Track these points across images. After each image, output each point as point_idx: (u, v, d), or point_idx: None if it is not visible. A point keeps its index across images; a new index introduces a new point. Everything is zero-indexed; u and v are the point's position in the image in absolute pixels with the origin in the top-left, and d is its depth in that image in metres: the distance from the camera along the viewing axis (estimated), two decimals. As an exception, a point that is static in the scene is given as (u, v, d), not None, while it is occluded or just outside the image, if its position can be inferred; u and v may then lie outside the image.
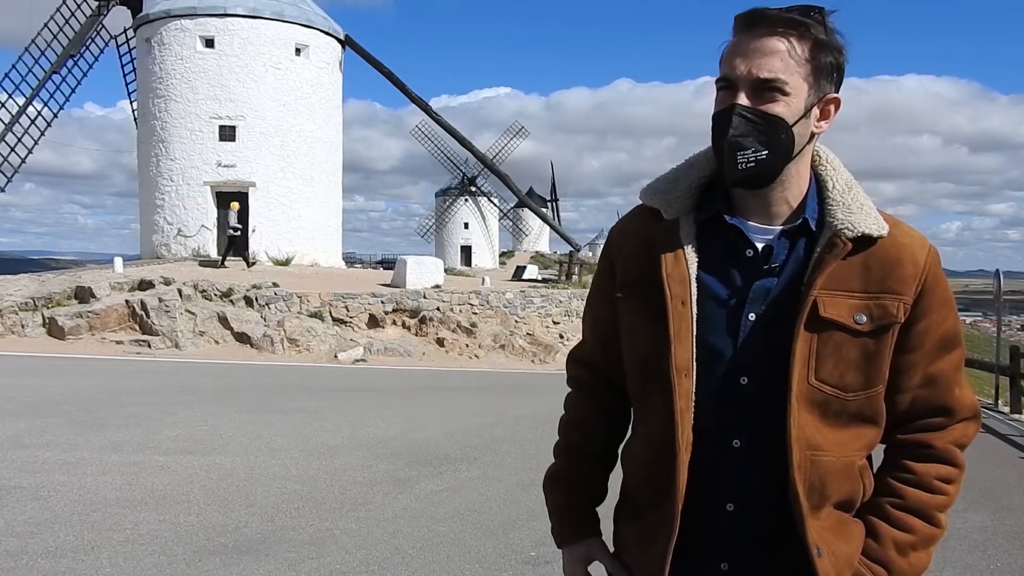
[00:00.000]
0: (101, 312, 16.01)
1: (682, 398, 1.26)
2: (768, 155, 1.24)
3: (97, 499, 5.19)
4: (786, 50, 1.22)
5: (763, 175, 1.26)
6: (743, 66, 1.22)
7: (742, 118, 1.22)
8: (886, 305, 1.25)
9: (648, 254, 1.33)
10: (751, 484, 1.27)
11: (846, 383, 1.25)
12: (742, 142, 1.22)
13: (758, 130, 1.22)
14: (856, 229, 1.25)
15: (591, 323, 1.50)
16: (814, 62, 1.23)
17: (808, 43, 1.23)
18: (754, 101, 1.22)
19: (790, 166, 1.27)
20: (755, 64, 1.21)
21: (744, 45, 1.23)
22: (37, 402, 8.94)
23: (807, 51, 1.23)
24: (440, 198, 57.44)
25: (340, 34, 27.96)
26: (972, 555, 4.70)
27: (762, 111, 1.22)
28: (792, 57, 1.22)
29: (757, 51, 1.22)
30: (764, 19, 1.22)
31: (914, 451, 1.31)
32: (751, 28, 1.23)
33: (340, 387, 11.71)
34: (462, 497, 5.54)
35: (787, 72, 1.22)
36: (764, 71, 1.21)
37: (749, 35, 1.23)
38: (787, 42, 1.22)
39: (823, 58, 1.24)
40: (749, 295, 1.27)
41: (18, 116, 26.02)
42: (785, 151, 1.25)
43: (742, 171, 1.24)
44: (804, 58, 1.23)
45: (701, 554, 1.30)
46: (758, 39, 1.22)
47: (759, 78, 1.21)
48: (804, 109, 1.25)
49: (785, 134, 1.24)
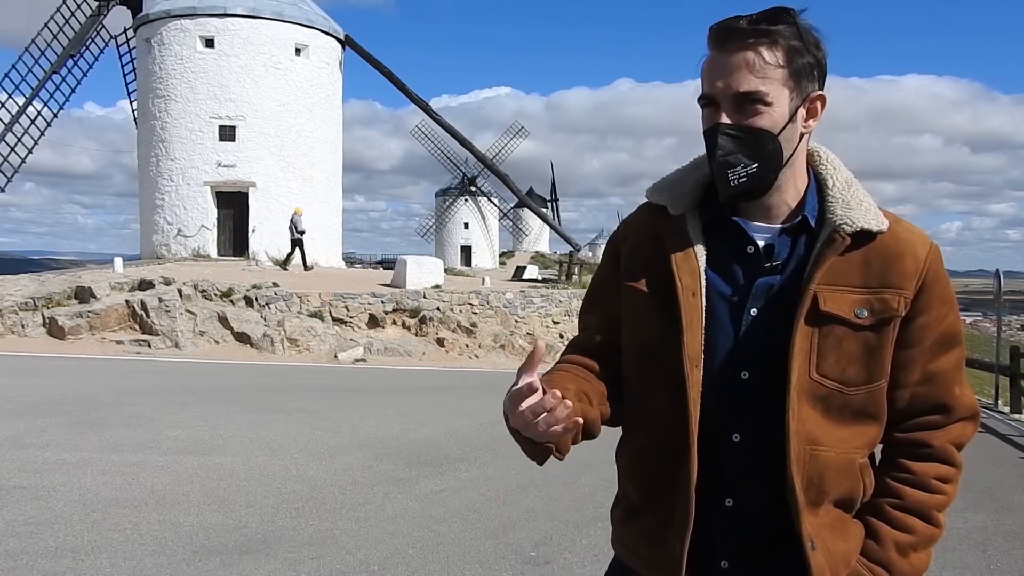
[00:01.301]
0: (101, 312, 16.01)
1: (693, 388, 1.27)
2: (758, 167, 1.25)
3: (97, 499, 5.19)
4: (759, 61, 1.23)
5: (756, 187, 1.28)
6: (720, 83, 1.24)
7: (727, 136, 1.24)
8: (887, 299, 1.26)
9: (656, 246, 1.34)
10: (750, 479, 1.28)
11: (848, 377, 1.26)
12: (730, 160, 1.24)
13: (744, 145, 1.24)
14: (855, 224, 1.26)
15: (592, 311, 1.47)
16: (790, 66, 1.24)
17: (781, 49, 1.23)
18: (737, 116, 1.24)
19: (784, 171, 1.29)
20: (731, 80, 1.23)
21: (718, 62, 1.25)
22: (37, 402, 8.94)
23: (781, 57, 1.24)
24: (440, 198, 57.45)
25: (340, 34, 27.97)
26: (972, 555, 4.70)
27: (746, 126, 1.24)
28: (767, 66, 1.23)
29: (731, 67, 1.23)
30: (734, 33, 1.23)
31: (912, 450, 1.32)
32: (723, 44, 1.25)
33: (340, 387, 11.71)
34: (462, 497, 5.54)
35: (765, 83, 1.23)
36: (741, 86, 1.23)
37: (722, 51, 1.25)
38: (759, 53, 1.23)
39: (799, 60, 1.25)
40: (751, 292, 1.28)
41: (18, 116, 26.04)
42: (775, 161, 1.27)
43: (735, 187, 1.26)
44: (779, 64, 1.23)
45: (700, 550, 1.29)
46: (731, 54, 1.23)
47: (738, 92, 1.23)
48: (789, 114, 1.26)
49: (772, 144, 1.25)
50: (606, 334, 1.42)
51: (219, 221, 25.72)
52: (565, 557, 4.37)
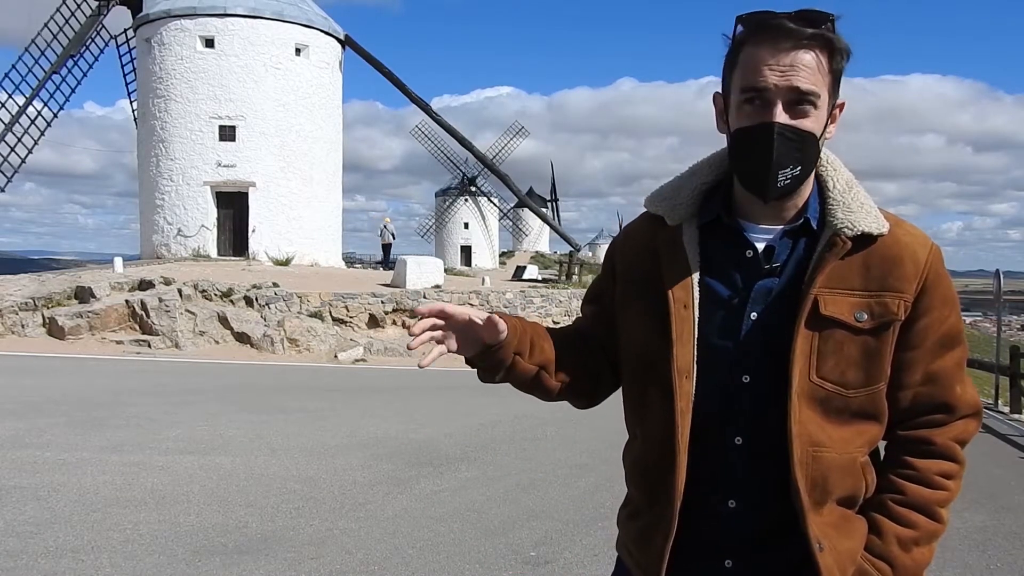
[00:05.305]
0: (101, 312, 16.01)
1: (682, 399, 1.28)
2: (801, 170, 1.26)
3: (97, 499, 5.19)
4: (815, 64, 1.22)
5: (794, 189, 1.28)
6: (778, 79, 1.21)
7: (783, 137, 1.22)
8: (887, 303, 1.26)
9: (651, 258, 1.36)
10: (752, 481, 1.29)
11: (847, 380, 1.27)
12: (783, 161, 1.23)
13: (795, 147, 1.23)
14: (856, 227, 1.26)
15: (589, 304, 1.54)
16: (833, 73, 1.25)
17: (829, 53, 1.23)
18: (788, 116, 1.23)
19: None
20: (790, 78, 1.21)
21: (774, 58, 1.21)
22: (37, 402, 8.94)
23: (828, 62, 1.24)
24: (440, 198, 57.40)
25: (340, 34, 27.96)
26: (972, 555, 4.70)
27: (796, 127, 1.23)
28: (820, 71, 1.23)
29: (790, 66, 1.21)
30: (789, 32, 1.21)
31: (915, 447, 1.32)
32: (776, 39, 1.21)
33: (340, 387, 11.71)
34: (462, 497, 5.54)
35: (818, 86, 1.23)
36: (802, 85, 1.21)
37: (775, 47, 1.21)
38: (815, 55, 1.22)
39: (838, 66, 1.25)
40: (751, 295, 1.29)
41: (18, 116, 26.01)
42: (812, 165, 1.29)
43: (780, 188, 1.26)
44: (827, 70, 1.24)
45: (704, 552, 1.31)
46: (788, 52, 1.21)
47: (797, 91, 1.22)
48: (826, 119, 1.27)
49: (815, 148, 1.26)
50: (596, 327, 1.48)
51: (219, 221, 25.69)
52: (565, 557, 4.37)
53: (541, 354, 1.41)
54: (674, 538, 1.30)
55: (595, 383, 1.48)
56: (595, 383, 1.48)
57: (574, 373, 1.45)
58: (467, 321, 1.32)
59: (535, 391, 1.45)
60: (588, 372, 1.47)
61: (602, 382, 1.49)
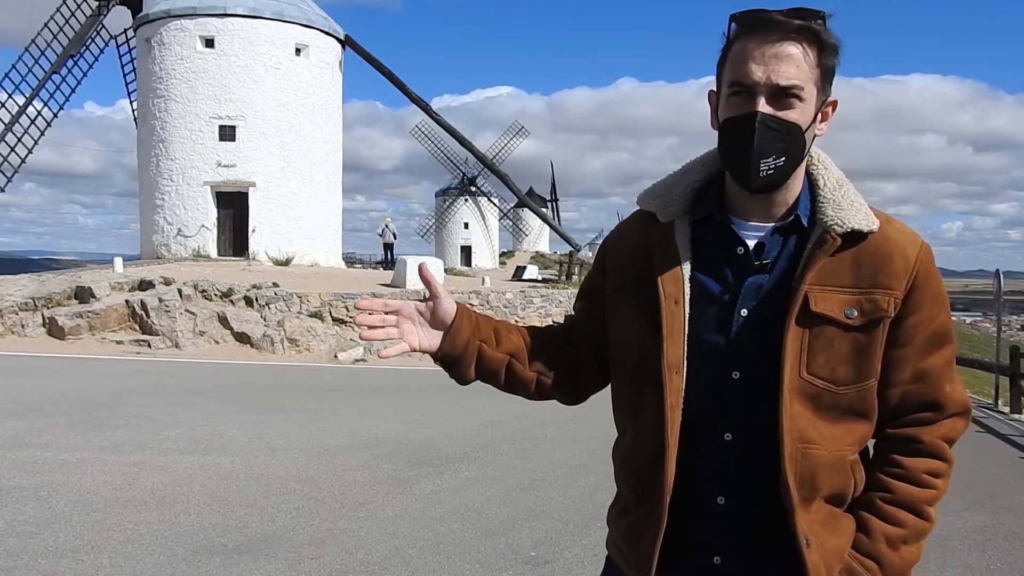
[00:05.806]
0: (101, 312, 16.01)
1: (672, 395, 1.29)
2: (785, 162, 1.26)
3: (97, 499, 5.19)
4: (801, 56, 1.23)
5: (777, 181, 1.28)
6: (761, 72, 1.22)
7: (765, 126, 1.23)
8: (876, 300, 1.27)
9: (643, 255, 1.37)
10: (742, 477, 1.29)
11: (837, 377, 1.27)
12: (765, 150, 1.24)
13: (778, 138, 1.24)
14: (845, 225, 1.27)
15: (579, 301, 1.55)
16: (822, 67, 1.25)
17: (816, 48, 1.24)
18: (773, 107, 1.24)
19: (797, 169, 1.30)
20: (774, 70, 1.22)
21: (759, 50, 1.23)
22: (37, 402, 8.94)
23: (816, 56, 1.24)
24: (440, 198, 57.40)
25: (340, 34, 27.95)
26: (972, 555, 4.69)
27: (781, 118, 1.24)
28: (806, 63, 1.23)
29: (775, 57, 1.22)
30: (778, 24, 1.22)
31: (903, 446, 1.33)
32: (763, 33, 1.23)
33: (340, 387, 11.71)
34: (462, 497, 5.54)
35: (803, 78, 1.23)
36: (784, 78, 1.22)
37: (762, 40, 1.23)
38: (801, 47, 1.23)
39: (828, 62, 1.26)
40: (741, 291, 1.30)
41: (18, 116, 25.99)
42: (798, 157, 1.28)
43: (762, 178, 1.26)
44: (815, 63, 1.24)
45: (693, 548, 1.32)
46: (773, 44, 1.22)
47: (779, 85, 1.23)
48: (814, 114, 1.27)
49: (800, 140, 1.26)
50: (587, 323, 1.48)
51: (219, 221, 25.69)
52: (565, 557, 4.37)
53: (509, 343, 1.44)
54: (664, 535, 1.30)
55: (576, 374, 1.49)
56: (576, 374, 1.49)
57: (552, 364, 1.47)
58: (412, 311, 1.39)
59: (515, 386, 1.47)
60: (568, 363, 1.48)
61: (585, 374, 1.49)
